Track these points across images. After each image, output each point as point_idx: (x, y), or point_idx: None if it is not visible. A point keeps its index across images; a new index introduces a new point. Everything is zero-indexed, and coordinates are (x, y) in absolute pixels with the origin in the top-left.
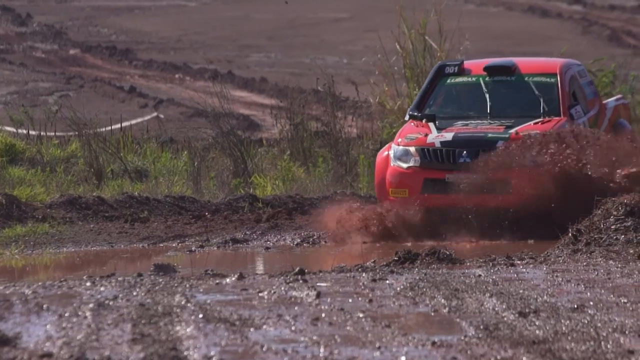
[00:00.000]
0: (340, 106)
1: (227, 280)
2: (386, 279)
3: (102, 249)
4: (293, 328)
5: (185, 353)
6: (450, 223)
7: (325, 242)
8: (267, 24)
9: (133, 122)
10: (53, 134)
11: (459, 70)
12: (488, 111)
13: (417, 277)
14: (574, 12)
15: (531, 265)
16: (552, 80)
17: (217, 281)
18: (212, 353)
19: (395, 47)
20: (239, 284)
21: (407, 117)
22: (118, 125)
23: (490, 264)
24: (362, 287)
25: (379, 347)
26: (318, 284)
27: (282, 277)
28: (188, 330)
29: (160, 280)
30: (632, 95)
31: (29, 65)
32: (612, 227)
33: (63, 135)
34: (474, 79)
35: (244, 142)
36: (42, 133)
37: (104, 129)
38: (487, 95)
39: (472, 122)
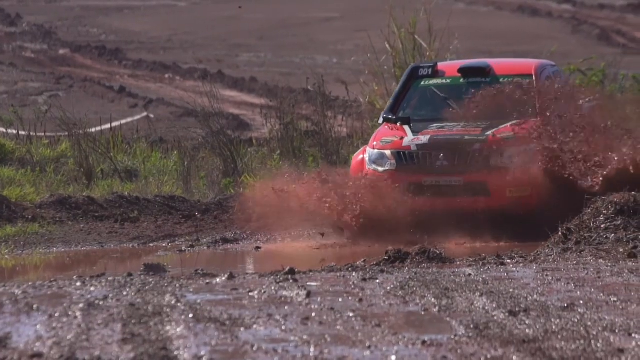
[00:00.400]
0: (330, 106)
1: (218, 280)
2: (376, 278)
3: (92, 249)
4: (283, 327)
5: (176, 353)
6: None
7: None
8: (257, 24)
9: (123, 122)
10: (43, 134)
11: (432, 72)
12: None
13: (408, 277)
14: (563, 12)
15: (521, 264)
16: (527, 81)
17: (208, 281)
18: (202, 353)
19: (385, 46)
20: (229, 283)
21: (380, 120)
22: (108, 125)
23: (481, 263)
24: (353, 287)
25: (369, 347)
26: (308, 284)
27: (272, 277)
28: (178, 330)
29: (151, 280)
30: (622, 94)
31: (19, 65)
32: (602, 226)
33: (53, 135)
34: (448, 80)
35: (234, 141)
36: (32, 133)
37: (93, 129)
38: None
39: (448, 124)
